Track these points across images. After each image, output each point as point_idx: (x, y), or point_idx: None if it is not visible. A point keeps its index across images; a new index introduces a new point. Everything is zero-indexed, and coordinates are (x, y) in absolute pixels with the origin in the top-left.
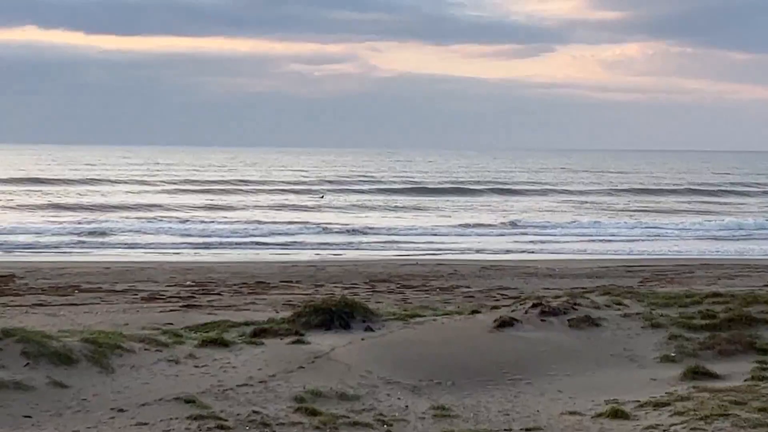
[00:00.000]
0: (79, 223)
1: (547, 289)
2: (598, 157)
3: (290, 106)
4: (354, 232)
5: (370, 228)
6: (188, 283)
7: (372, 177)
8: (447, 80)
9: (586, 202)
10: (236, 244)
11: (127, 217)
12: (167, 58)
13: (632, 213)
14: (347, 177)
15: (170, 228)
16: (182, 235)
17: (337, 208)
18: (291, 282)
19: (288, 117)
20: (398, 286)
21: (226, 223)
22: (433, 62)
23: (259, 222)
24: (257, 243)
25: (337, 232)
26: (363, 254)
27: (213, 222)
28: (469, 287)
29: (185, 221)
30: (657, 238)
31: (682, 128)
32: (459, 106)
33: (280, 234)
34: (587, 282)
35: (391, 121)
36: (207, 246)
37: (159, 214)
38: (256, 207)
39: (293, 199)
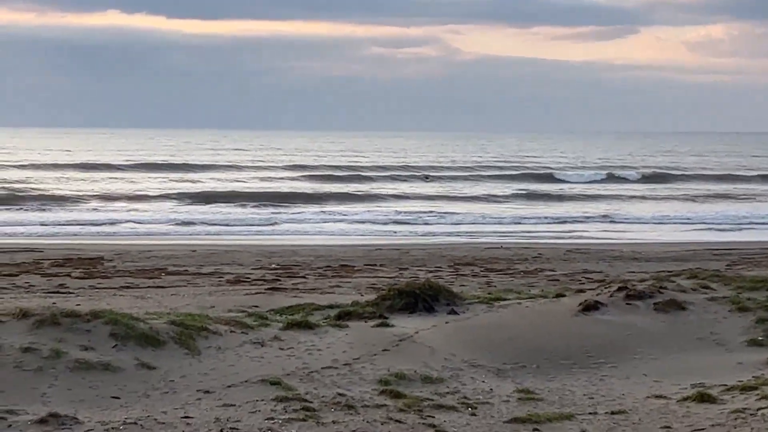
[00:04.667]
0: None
1: (632, 272)
2: (688, 139)
3: (372, 90)
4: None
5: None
6: (273, 266)
7: (479, 161)
8: (529, 63)
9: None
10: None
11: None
12: (247, 42)
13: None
14: (446, 160)
15: (333, 217)
16: (347, 222)
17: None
18: (375, 265)
19: (370, 100)
20: (482, 269)
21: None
22: (514, 45)
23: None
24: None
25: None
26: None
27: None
28: (553, 270)
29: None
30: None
31: (764, 108)
32: (541, 89)
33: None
34: (673, 265)
35: (473, 104)
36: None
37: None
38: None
39: (402, 184)
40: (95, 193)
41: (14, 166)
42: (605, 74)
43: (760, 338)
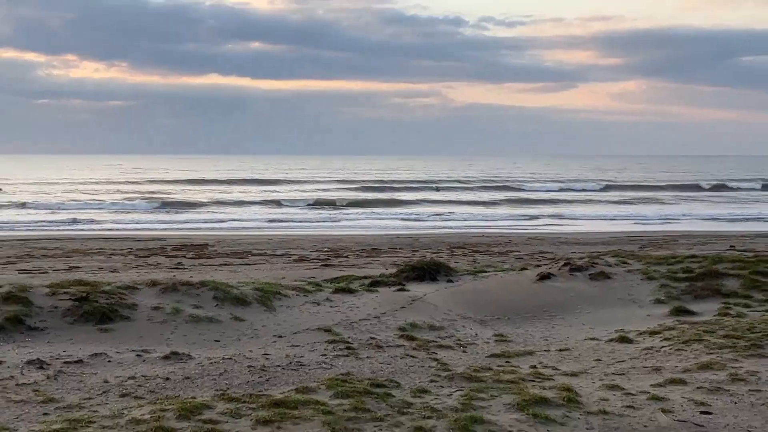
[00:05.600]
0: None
1: (574, 252)
2: (612, 160)
3: (392, 127)
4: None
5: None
6: (325, 249)
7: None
8: (501, 108)
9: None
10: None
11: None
12: (306, 95)
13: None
14: (447, 176)
15: (368, 215)
16: (391, 219)
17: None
18: (396, 249)
19: (391, 134)
20: (470, 251)
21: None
22: (491, 95)
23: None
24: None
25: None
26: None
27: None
28: (519, 251)
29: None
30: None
31: (665, 139)
32: (508, 125)
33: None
34: (602, 247)
35: (461, 135)
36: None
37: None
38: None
39: (418, 192)
40: (206, 200)
41: (149, 181)
42: (553, 115)
43: (662, 298)
